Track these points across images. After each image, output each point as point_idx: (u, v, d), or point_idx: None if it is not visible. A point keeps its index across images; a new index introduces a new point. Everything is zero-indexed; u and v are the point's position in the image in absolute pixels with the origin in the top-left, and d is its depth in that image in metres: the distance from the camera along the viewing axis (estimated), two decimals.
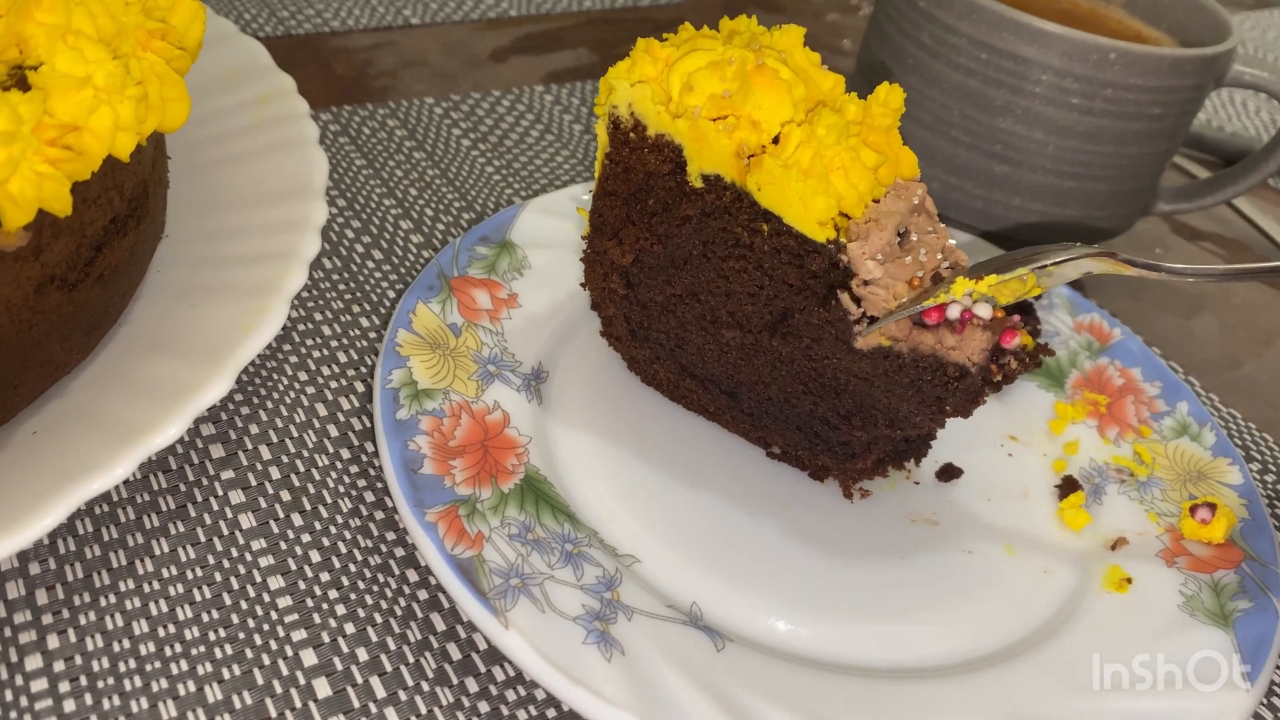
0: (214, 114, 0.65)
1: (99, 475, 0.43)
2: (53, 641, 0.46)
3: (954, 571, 0.57)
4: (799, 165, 0.50)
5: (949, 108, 0.75)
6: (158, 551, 0.51)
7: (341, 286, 0.68)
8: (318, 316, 0.66)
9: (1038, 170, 0.75)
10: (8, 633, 0.46)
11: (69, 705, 0.44)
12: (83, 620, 0.47)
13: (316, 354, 0.63)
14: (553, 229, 0.70)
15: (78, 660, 0.46)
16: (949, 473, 0.62)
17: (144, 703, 0.45)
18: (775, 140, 0.52)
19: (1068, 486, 0.62)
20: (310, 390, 0.61)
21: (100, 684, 0.45)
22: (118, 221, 0.52)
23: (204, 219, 0.60)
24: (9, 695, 0.44)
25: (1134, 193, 0.78)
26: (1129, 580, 0.56)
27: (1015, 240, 0.79)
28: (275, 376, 0.61)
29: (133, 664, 0.46)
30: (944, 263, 0.51)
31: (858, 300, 0.50)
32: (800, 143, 0.50)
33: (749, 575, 0.54)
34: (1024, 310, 0.66)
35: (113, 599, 0.48)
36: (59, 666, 0.45)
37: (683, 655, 0.48)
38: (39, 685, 0.45)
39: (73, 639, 0.47)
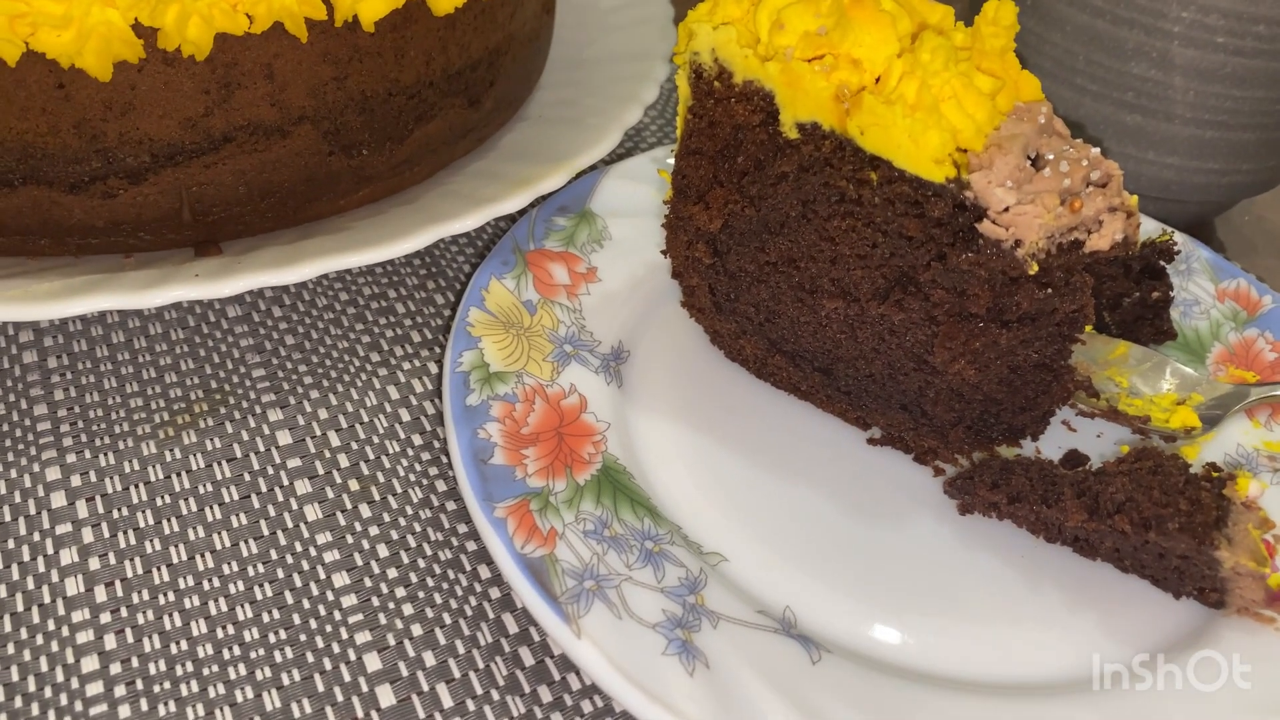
0: None
1: (452, 224, 0.57)
2: (110, 642, 0.44)
3: (1083, 575, 0.51)
4: (904, 99, 0.44)
5: (1073, 53, 0.68)
6: (219, 546, 0.48)
7: (417, 262, 0.65)
8: (391, 294, 0.63)
9: (1176, 120, 0.67)
10: (65, 631, 0.44)
11: (124, 712, 0.42)
12: (140, 619, 0.45)
13: (390, 333, 0.60)
14: (635, 196, 0.66)
15: (134, 662, 0.44)
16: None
17: (200, 709, 0.42)
18: (878, 81, 0.46)
19: (1218, 473, 0.55)
20: (382, 372, 0.58)
21: (156, 688, 0.43)
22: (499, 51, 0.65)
23: (572, 71, 0.75)
24: (64, 699, 0.42)
25: None
26: None
27: (1145, 196, 0.71)
28: (346, 358, 0.58)
29: (190, 667, 0.44)
30: (1092, 171, 0.45)
31: (1005, 227, 0.44)
32: (904, 74, 0.45)
33: (849, 577, 0.49)
34: (1155, 274, 0.60)
35: (171, 596, 0.46)
36: (115, 669, 0.43)
37: (774, 667, 0.43)
38: (94, 689, 0.42)
39: (130, 639, 0.44)
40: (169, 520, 0.49)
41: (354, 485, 0.52)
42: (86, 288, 0.49)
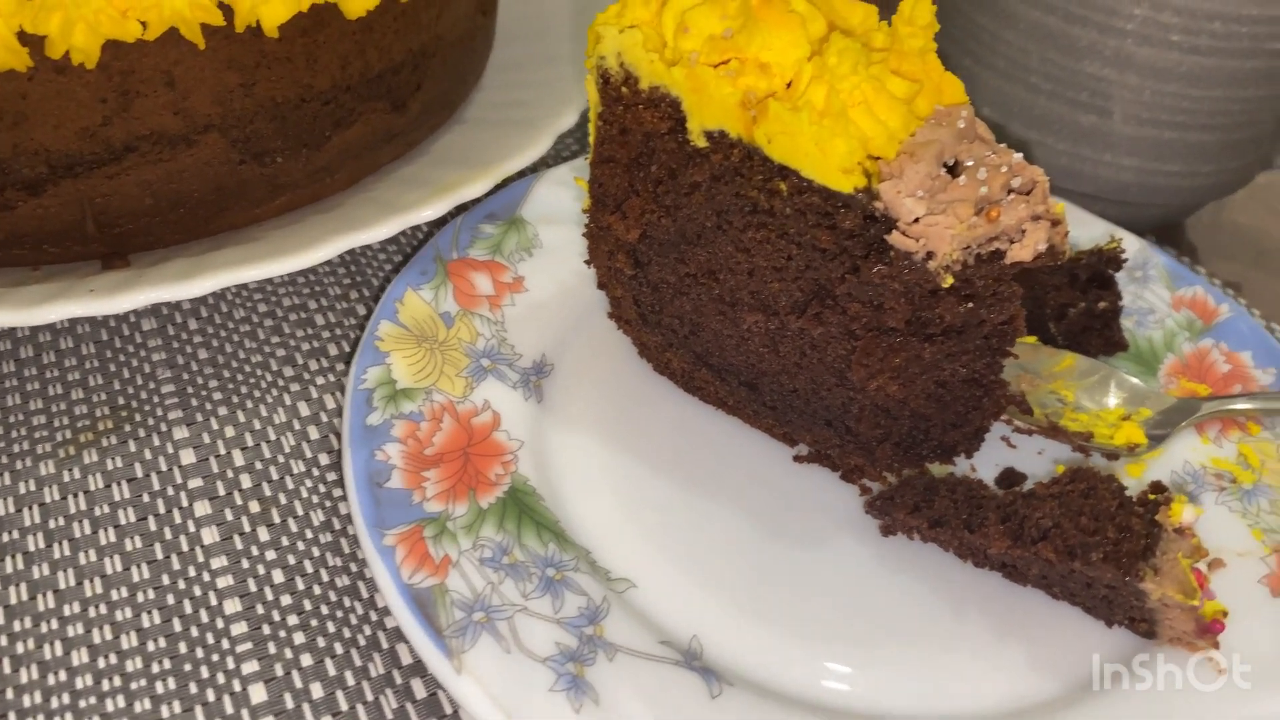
0: None
1: (364, 233, 0.55)
2: None
3: (1012, 602, 0.48)
4: (812, 106, 0.42)
5: (1027, 51, 0.65)
6: (109, 570, 0.47)
7: (341, 271, 0.63)
8: (312, 304, 0.61)
9: (1131, 121, 0.64)
10: None
11: None
12: (19, 649, 0.44)
13: (306, 346, 0.58)
14: (570, 202, 0.64)
15: (9, 694, 0.42)
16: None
17: None
18: (789, 87, 0.44)
19: (1156, 494, 0.53)
20: (295, 388, 0.56)
21: None
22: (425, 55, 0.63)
23: (512, 72, 0.73)
24: None
25: (1250, 143, 0.67)
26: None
27: (1103, 199, 0.69)
28: (259, 372, 0.56)
29: (66, 699, 0.42)
30: (1013, 178, 0.43)
31: (916, 239, 0.42)
32: (813, 79, 0.43)
33: (763, 603, 0.47)
34: (1103, 283, 0.57)
35: (54, 624, 0.45)
36: None
37: (669, 702, 0.41)
38: None
39: (6, 669, 0.43)
40: (60, 543, 0.48)
41: (254, 507, 0.50)
42: None
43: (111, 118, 0.50)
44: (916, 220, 0.42)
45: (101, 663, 0.43)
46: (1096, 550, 0.44)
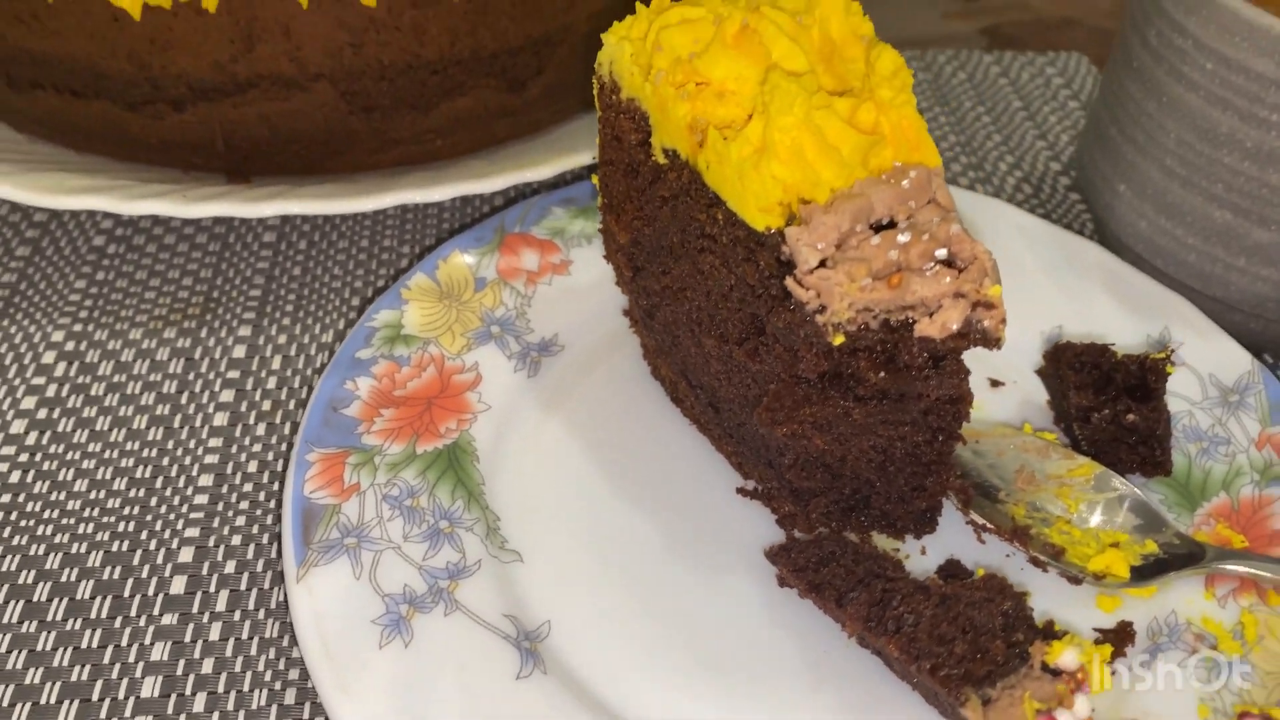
0: None
1: (418, 193, 0.61)
2: None
3: (872, 684, 0.45)
4: (746, 140, 0.42)
5: (1165, 128, 0.59)
6: (136, 425, 0.56)
7: (447, 224, 0.70)
8: (404, 249, 0.68)
9: (1273, 226, 0.56)
10: None
11: None
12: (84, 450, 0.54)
13: (380, 283, 0.65)
14: None
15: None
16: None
17: None
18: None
19: (1118, 638, 0.47)
20: (353, 315, 0.63)
21: None
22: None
23: None
24: None
25: None
26: None
27: (1238, 310, 0.60)
28: (331, 296, 0.64)
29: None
30: (939, 249, 0.41)
31: (810, 289, 0.41)
32: (756, 113, 0.43)
33: (628, 615, 0.48)
34: (1143, 395, 0.52)
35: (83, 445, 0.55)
36: None
37: (472, 668, 0.43)
38: None
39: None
40: (113, 395, 0.58)
41: (265, 405, 0.58)
42: (85, 189, 0.59)
43: (238, 56, 0.59)
44: (812, 271, 0.41)
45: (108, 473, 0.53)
46: (931, 659, 0.41)
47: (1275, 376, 0.56)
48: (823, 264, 0.41)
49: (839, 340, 0.41)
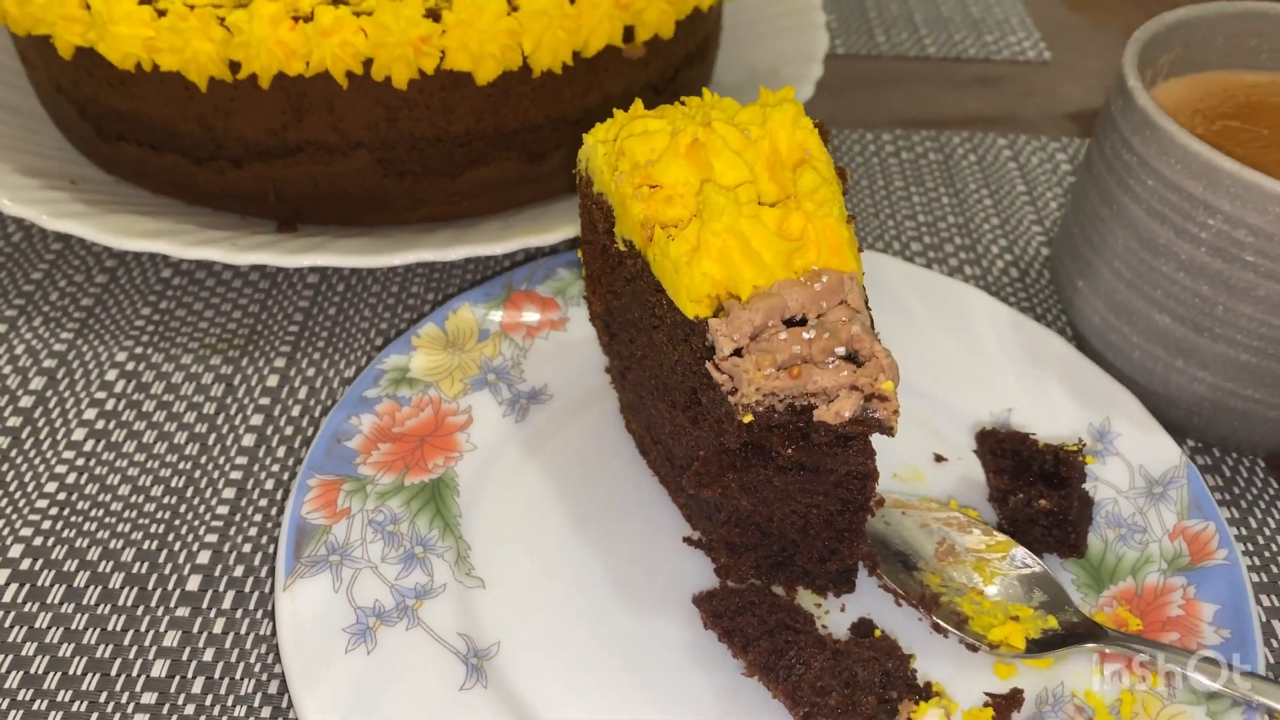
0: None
1: (429, 252, 0.69)
2: None
3: None
4: (686, 240, 0.49)
5: (1114, 234, 0.63)
6: (177, 439, 0.65)
7: (468, 279, 0.78)
8: (428, 297, 0.76)
9: (1205, 333, 0.60)
10: None
11: None
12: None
13: (405, 327, 0.74)
14: None
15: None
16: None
17: None
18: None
19: (1006, 703, 0.52)
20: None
21: None
22: (690, 57, 0.80)
23: (734, 72, 0.91)
24: None
25: None
26: None
27: (1182, 408, 0.64)
28: (359, 336, 0.73)
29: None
30: (838, 346, 0.47)
31: (725, 373, 0.48)
32: (695, 217, 0.49)
33: (569, 643, 0.54)
34: (1056, 483, 0.57)
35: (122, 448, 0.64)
36: None
37: (423, 678, 0.51)
38: None
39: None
40: (160, 412, 0.67)
41: (288, 430, 0.66)
42: (149, 233, 0.68)
43: (289, 125, 0.68)
44: (727, 358, 0.47)
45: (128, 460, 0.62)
46: (807, 707, 0.46)
47: (1197, 469, 0.61)
48: (737, 352, 0.47)
49: (748, 419, 0.47)
